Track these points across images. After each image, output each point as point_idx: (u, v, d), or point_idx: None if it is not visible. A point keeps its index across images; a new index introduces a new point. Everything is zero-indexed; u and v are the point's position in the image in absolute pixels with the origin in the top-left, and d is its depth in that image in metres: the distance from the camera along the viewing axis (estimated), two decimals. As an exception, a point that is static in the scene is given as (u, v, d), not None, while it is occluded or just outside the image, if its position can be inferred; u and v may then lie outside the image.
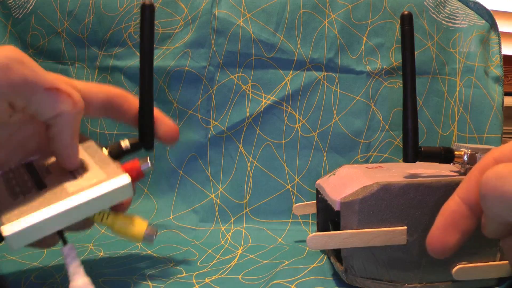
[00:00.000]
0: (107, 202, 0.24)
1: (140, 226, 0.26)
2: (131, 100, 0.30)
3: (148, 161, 0.28)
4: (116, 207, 0.27)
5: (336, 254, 0.32)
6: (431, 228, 0.20)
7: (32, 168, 0.26)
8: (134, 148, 0.29)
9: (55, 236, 0.23)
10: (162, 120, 0.30)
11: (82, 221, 0.26)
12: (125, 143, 0.29)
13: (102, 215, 0.25)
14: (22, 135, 0.26)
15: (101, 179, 0.24)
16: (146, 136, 0.29)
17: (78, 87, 0.26)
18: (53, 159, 0.26)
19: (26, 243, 0.22)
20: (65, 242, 0.23)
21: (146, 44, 0.28)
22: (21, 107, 0.22)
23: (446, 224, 0.19)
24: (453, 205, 0.20)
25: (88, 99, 0.27)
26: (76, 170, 0.25)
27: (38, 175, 0.25)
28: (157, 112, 0.30)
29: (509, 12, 0.80)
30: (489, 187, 0.16)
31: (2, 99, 0.21)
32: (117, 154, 0.28)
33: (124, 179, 0.24)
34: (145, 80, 0.28)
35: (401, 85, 0.31)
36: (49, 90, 0.22)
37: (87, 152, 0.27)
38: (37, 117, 0.23)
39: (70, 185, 0.24)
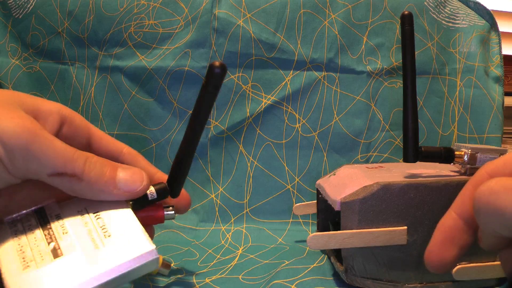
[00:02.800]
0: (129, 278, 0.21)
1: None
2: (143, 162, 0.30)
3: (172, 210, 0.27)
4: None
5: (336, 254, 0.32)
6: (431, 228, 0.20)
7: (44, 215, 0.23)
8: (160, 197, 0.26)
9: None
10: (183, 194, 0.29)
11: None
12: (151, 192, 0.25)
13: None
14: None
15: (126, 252, 0.21)
16: (176, 186, 0.27)
17: (90, 131, 0.27)
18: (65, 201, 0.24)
19: None
20: None
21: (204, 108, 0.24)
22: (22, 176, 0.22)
23: (443, 240, 0.19)
24: (449, 220, 0.20)
25: (96, 146, 0.27)
26: (93, 226, 0.22)
27: (50, 232, 0.22)
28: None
29: (509, 12, 0.80)
30: (483, 202, 0.16)
31: (8, 173, 0.21)
32: (142, 205, 0.25)
33: (152, 253, 0.22)
34: (191, 137, 0.26)
35: (402, 85, 0.31)
36: (53, 176, 0.21)
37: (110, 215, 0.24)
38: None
39: (89, 256, 0.21)
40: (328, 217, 0.37)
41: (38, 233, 0.22)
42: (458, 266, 0.28)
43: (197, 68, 0.46)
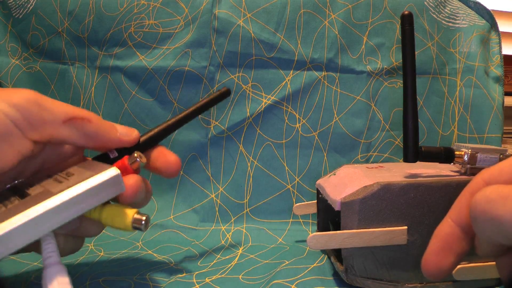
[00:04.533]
0: (96, 198, 0.23)
1: (127, 214, 0.24)
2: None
3: (136, 155, 0.27)
4: (119, 199, 0.26)
5: (337, 254, 0.32)
6: (431, 228, 0.20)
7: (16, 187, 0.25)
8: (121, 154, 0.28)
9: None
10: (162, 152, 0.30)
11: (77, 223, 0.25)
12: (112, 153, 0.28)
13: (92, 210, 0.24)
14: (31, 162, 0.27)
15: (87, 176, 0.23)
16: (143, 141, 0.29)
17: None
18: (38, 177, 0.26)
19: (12, 249, 0.20)
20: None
21: None
22: (44, 139, 0.24)
23: (440, 247, 0.20)
24: (446, 227, 0.20)
25: None
26: (62, 176, 0.24)
27: (22, 190, 0.24)
28: (160, 147, 0.31)
29: (509, 12, 0.80)
30: (479, 210, 0.16)
31: (25, 138, 0.23)
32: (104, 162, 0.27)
33: (112, 171, 0.23)
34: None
35: (402, 85, 0.31)
36: (66, 122, 0.24)
37: (77, 165, 0.26)
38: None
39: (55, 188, 0.22)
40: (328, 217, 0.37)
41: (8, 193, 0.24)
42: (458, 266, 0.28)
43: (197, 68, 0.46)
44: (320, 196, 0.37)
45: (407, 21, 0.31)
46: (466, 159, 0.31)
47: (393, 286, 0.29)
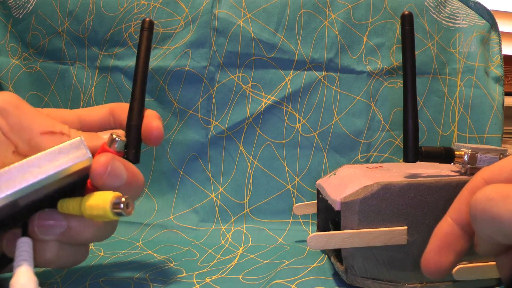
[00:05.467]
0: (55, 162, 0.20)
1: (105, 197, 0.21)
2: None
3: (114, 136, 0.24)
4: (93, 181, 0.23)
5: (337, 254, 0.32)
6: (431, 228, 0.20)
7: None
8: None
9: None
10: (146, 116, 0.29)
11: (72, 248, 0.24)
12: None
13: (77, 203, 0.22)
14: None
15: (50, 148, 0.21)
16: (131, 126, 0.27)
17: (78, 114, 0.28)
18: None
19: None
20: (24, 234, 0.21)
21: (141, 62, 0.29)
22: (24, 150, 0.23)
23: (440, 246, 0.20)
24: (445, 226, 0.20)
25: (89, 120, 0.29)
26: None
27: None
28: (147, 111, 0.29)
29: (509, 12, 0.80)
30: (479, 209, 0.16)
31: (7, 140, 0.23)
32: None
33: (74, 138, 0.21)
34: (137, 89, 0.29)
35: (402, 85, 0.31)
36: (45, 134, 0.23)
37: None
38: None
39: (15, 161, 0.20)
40: (328, 217, 0.37)
41: None
42: (458, 266, 0.28)
43: (197, 68, 0.46)
44: (320, 196, 0.37)
45: (407, 21, 0.31)
46: (466, 159, 0.31)
47: (393, 286, 0.29)
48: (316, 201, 0.39)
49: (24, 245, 0.20)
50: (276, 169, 0.46)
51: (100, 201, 0.21)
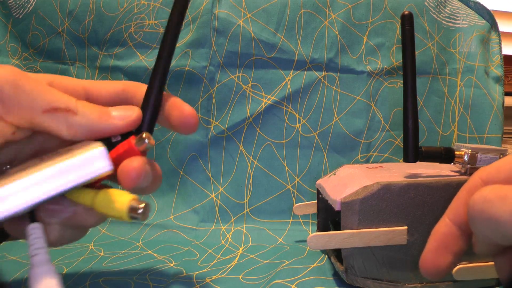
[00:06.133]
0: (73, 175, 0.20)
1: (123, 200, 0.21)
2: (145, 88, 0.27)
3: (144, 136, 0.23)
4: (121, 183, 0.23)
5: (337, 254, 0.32)
6: (431, 228, 0.20)
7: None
8: (124, 137, 0.24)
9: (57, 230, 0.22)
10: (175, 105, 0.26)
11: (73, 230, 0.23)
12: (115, 137, 0.24)
13: (88, 194, 0.22)
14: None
15: (72, 155, 0.20)
16: (147, 113, 0.25)
17: (85, 85, 0.25)
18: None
19: None
20: (32, 220, 0.21)
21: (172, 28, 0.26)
22: (27, 130, 0.22)
23: (438, 247, 0.20)
24: (443, 227, 0.20)
25: (96, 93, 0.26)
26: (48, 156, 0.22)
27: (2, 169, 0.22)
28: (173, 98, 0.27)
29: (509, 12, 0.80)
30: (477, 210, 0.17)
31: (2, 120, 0.21)
32: (108, 147, 0.23)
33: (95, 146, 0.21)
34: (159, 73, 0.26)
35: (402, 85, 0.31)
36: (48, 112, 0.21)
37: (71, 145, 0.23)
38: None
39: (34, 166, 0.20)
40: (328, 217, 0.37)
41: None
42: (458, 266, 0.28)
43: (197, 68, 0.46)
44: (320, 196, 0.37)
45: (407, 21, 0.31)
46: (466, 159, 0.31)
47: (393, 286, 0.29)
48: (316, 201, 0.39)
49: (36, 232, 0.20)
50: (276, 169, 0.46)
51: (117, 204, 0.21)
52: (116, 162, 0.22)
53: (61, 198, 0.22)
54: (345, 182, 0.32)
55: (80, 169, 0.20)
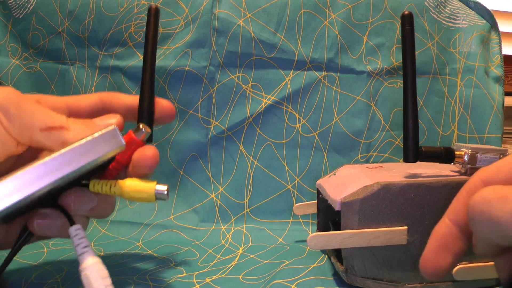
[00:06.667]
0: (92, 152, 0.22)
1: (149, 186, 0.25)
2: (121, 96, 0.31)
3: (141, 126, 0.27)
4: (135, 170, 0.27)
5: (337, 254, 0.32)
6: (431, 228, 0.20)
7: None
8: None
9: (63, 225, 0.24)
10: (157, 100, 0.31)
11: (94, 200, 0.26)
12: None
13: (109, 185, 0.25)
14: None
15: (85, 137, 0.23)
16: (144, 112, 0.29)
17: (67, 100, 0.29)
18: None
19: (10, 201, 0.20)
20: (72, 222, 0.23)
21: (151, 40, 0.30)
22: (25, 146, 0.24)
23: (438, 247, 0.20)
24: (443, 227, 0.20)
25: (77, 107, 0.29)
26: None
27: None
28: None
29: (510, 12, 0.80)
30: (477, 211, 0.17)
31: (8, 135, 0.23)
32: None
33: (109, 127, 0.23)
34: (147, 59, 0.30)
35: (402, 85, 0.31)
36: (45, 130, 0.23)
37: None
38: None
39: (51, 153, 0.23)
40: (329, 217, 0.37)
41: None
42: (458, 266, 0.28)
43: (197, 68, 0.46)
44: (320, 196, 0.37)
45: (407, 21, 0.31)
46: (466, 159, 0.31)
47: (393, 286, 0.29)
48: (316, 201, 0.39)
49: (79, 232, 0.22)
50: (276, 169, 0.46)
51: (145, 189, 0.25)
52: (122, 154, 0.26)
53: (85, 191, 0.25)
54: (345, 182, 0.32)
55: (96, 147, 0.23)
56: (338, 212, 0.30)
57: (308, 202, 0.40)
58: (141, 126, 0.27)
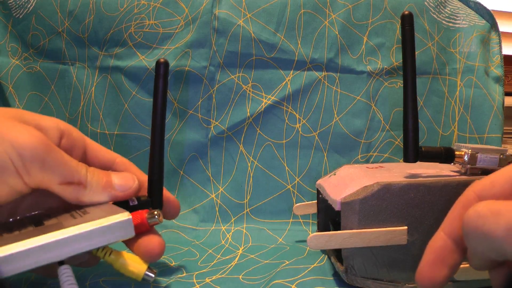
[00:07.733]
0: (104, 238, 0.24)
1: (140, 267, 0.27)
2: (136, 172, 0.31)
3: (156, 215, 0.28)
4: (141, 256, 0.28)
5: (337, 254, 0.32)
6: (431, 228, 0.20)
7: (34, 217, 0.26)
8: (142, 205, 0.29)
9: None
10: (165, 195, 0.32)
11: (86, 256, 0.27)
12: (132, 198, 0.29)
13: (105, 252, 0.26)
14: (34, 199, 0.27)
15: (100, 216, 0.24)
16: (155, 193, 0.30)
17: (87, 142, 0.30)
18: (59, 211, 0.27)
19: (18, 270, 0.21)
20: (61, 263, 0.23)
21: (160, 100, 0.30)
22: (34, 187, 0.24)
23: (434, 260, 0.20)
24: (439, 240, 0.20)
25: (94, 154, 0.30)
26: (78, 213, 0.25)
27: (39, 218, 0.25)
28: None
29: (509, 12, 0.80)
30: (471, 226, 0.17)
31: (20, 179, 0.23)
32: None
33: (123, 215, 0.24)
34: (156, 142, 0.30)
35: (402, 85, 0.31)
36: (63, 184, 0.24)
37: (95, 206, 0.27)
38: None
39: (68, 222, 0.23)
40: (329, 217, 0.37)
41: (26, 220, 0.25)
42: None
43: (197, 68, 0.46)
44: (320, 196, 0.37)
45: (407, 21, 0.31)
46: (466, 159, 0.31)
47: (393, 286, 0.29)
48: (316, 201, 0.39)
49: (67, 271, 0.23)
50: (276, 169, 0.46)
51: (135, 270, 0.27)
52: None
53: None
54: (345, 182, 0.32)
55: (109, 233, 0.24)
56: (338, 212, 0.30)
57: (308, 202, 0.40)
58: (156, 212, 0.28)
